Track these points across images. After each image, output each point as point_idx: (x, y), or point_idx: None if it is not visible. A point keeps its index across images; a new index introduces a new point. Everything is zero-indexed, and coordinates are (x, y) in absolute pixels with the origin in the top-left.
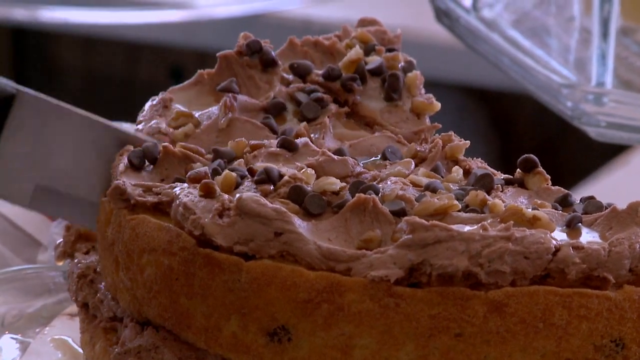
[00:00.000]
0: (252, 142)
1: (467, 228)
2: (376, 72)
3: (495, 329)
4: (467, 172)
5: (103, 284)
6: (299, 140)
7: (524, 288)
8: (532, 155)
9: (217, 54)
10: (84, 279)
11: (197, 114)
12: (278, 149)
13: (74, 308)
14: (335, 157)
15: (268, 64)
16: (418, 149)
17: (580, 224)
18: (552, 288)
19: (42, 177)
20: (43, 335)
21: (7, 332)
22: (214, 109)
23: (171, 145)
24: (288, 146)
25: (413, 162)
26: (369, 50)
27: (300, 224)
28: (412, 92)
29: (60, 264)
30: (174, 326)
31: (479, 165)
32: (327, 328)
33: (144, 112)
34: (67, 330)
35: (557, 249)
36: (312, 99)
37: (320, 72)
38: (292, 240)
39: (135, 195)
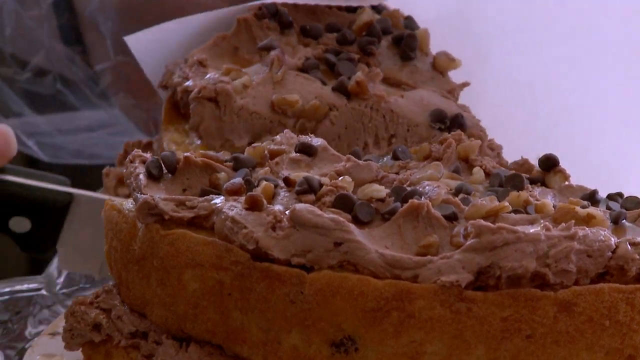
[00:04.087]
0: (271, 147)
1: (531, 229)
2: (386, 31)
3: (564, 329)
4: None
5: (118, 300)
6: (317, 144)
7: (591, 286)
8: (552, 154)
9: (237, 17)
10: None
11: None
12: (298, 154)
13: (54, 328)
14: (361, 162)
15: (285, 26)
16: (433, 149)
17: (625, 220)
18: (615, 285)
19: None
20: (32, 353)
21: None
22: (257, 66)
23: (192, 155)
24: (307, 151)
25: (442, 165)
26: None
27: (358, 233)
28: (424, 49)
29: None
30: (225, 341)
31: (493, 165)
32: (396, 336)
33: (179, 72)
34: (52, 348)
35: (616, 246)
36: (344, 58)
37: (331, 35)
38: (353, 250)
39: (169, 211)
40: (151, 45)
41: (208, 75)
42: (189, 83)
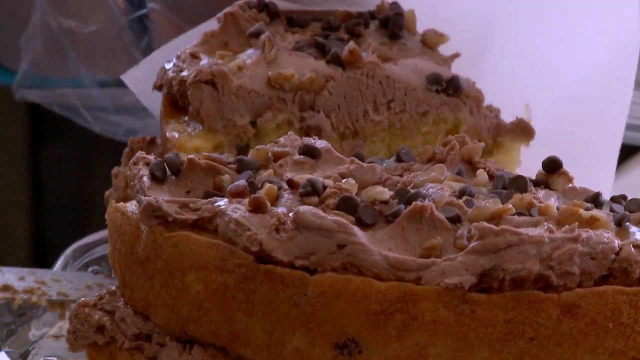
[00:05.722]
0: (274, 149)
1: (535, 231)
2: (373, 16)
3: (568, 331)
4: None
5: (122, 301)
6: (321, 147)
7: (594, 288)
8: (556, 156)
9: (223, 11)
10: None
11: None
12: (302, 156)
13: (58, 330)
14: (364, 164)
15: (273, 16)
16: (436, 151)
17: (628, 222)
18: (619, 287)
19: None
20: (35, 355)
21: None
22: (249, 51)
23: (195, 157)
24: (311, 153)
25: (445, 168)
26: None
27: (362, 235)
28: (411, 29)
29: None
30: (229, 343)
31: (497, 168)
32: (400, 338)
33: (173, 68)
34: (56, 350)
35: (620, 248)
36: (333, 39)
37: (317, 24)
38: (356, 252)
39: (172, 213)
40: (146, 77)
41: (202, 62)
42: (184, 73)
